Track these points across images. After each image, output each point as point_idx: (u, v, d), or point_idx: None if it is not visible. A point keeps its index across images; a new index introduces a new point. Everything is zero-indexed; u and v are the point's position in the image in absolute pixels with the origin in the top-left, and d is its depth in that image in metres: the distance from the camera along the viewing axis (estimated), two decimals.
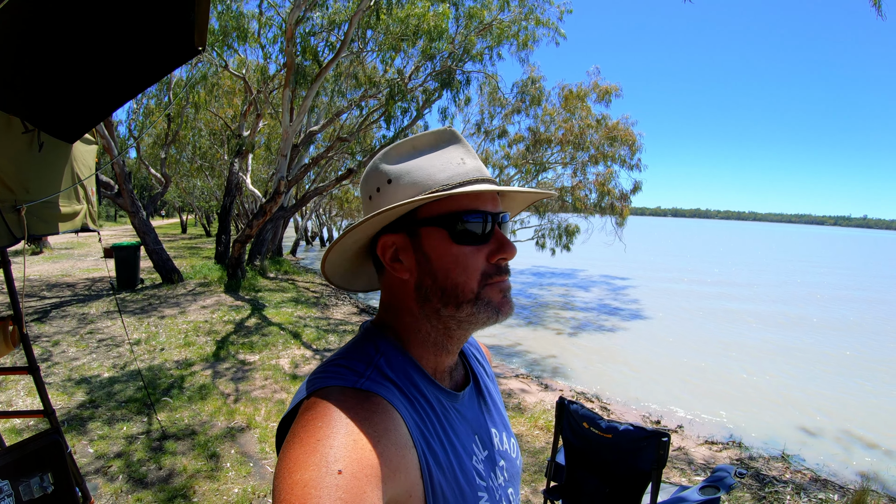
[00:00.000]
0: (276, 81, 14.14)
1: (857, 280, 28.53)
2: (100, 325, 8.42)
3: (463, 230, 0.83)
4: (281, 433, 0.79)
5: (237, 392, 6.03)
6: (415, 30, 11.60)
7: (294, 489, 0.61)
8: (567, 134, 17.02)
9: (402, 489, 0.71)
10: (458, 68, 13.07)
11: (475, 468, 0.86)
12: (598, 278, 22.61)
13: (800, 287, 23.73)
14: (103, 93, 2.69)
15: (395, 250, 0.88)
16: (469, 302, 0.84)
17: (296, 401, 0.79)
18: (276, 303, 11.52)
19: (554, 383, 8.03)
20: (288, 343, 8.29)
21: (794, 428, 6.94)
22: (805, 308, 17.61)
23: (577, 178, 17.87)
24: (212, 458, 4.45)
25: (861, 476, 5.39)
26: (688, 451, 5.61)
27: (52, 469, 2.52)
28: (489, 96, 17.35)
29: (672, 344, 11.35)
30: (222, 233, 16.29)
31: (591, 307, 15.63)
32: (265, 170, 21.34)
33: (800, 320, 15.27)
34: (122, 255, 11.46)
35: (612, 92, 16.64)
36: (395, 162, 0.90)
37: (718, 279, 24.99)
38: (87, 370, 6.41)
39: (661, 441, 2.68)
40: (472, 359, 1.07)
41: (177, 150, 18.38)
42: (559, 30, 14.06)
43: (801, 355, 11.03)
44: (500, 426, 1.01)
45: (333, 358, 0.84)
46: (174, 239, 31.97)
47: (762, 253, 51.46)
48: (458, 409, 0.90)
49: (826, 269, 34.60)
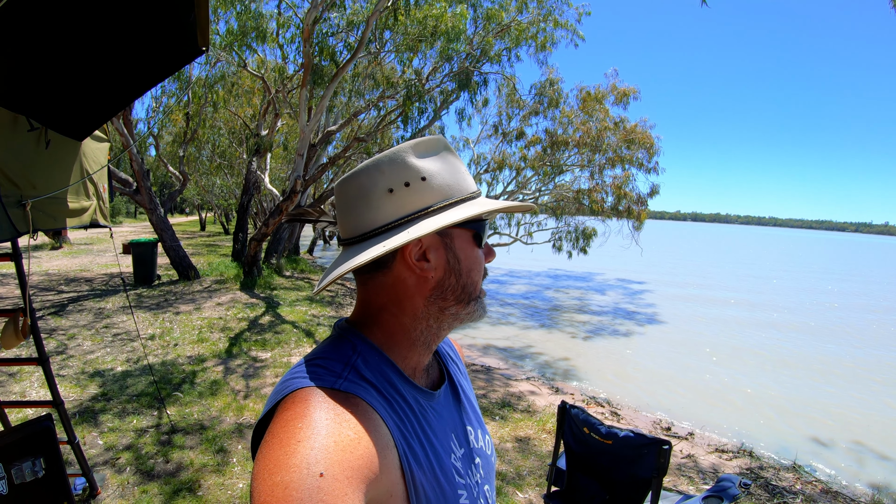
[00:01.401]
0: (295, 81, 14.23)
1: (876, 289, 28.08)
2: (115, 320, 8.54)
3: (479, 235, 0.91)
4: (257, 435, 0.78)
5: (247, 389, 6.08)
6: (432, 30, 11.60)
7: (275, 491, 0.60)
8: (584, 136, 16.94)
9: (384, 489, 0.71)
10: (476, 69, 13.07)
11: (454, 466, 0.86)
12: (614, 282, 22.45)
13: (817, 295, 23.40)
14: (109, 92, 2.72)
15: (422, 250, 0.86)
16: (475, 300, 0.91)
17: (271, 402, 0.78)
18: (290, 301, 11.58)
19: (565, 386, 7.97)
20: (300, 341, 8.33)
21: (806, 438, 6.81)
22: (821, 317, 17.34)
23: (594, 180, 17.77)
24: (219, 452, 4.48)
25: (872, 488, 5.30)
26: (697, 458, 5.53)
27: (45, 454, 2.57)
28: (507, 98, 17.35)
29: (686, 350, 11.23)
30: (239, 231, 16.42)
31: (607, 311, 15.51)
32: (283, 169, 21.45)
33: (815, 329, 15.04)
34: (139, 252, 11.61)
35: (630, 94, 16.53)
36: (423, 156, 0.88)
37: (735, 286, 24.70)
38: (101, 364, 6.50)
39: (661, 449, 2.66)
40: (446, 357, 1.08)
41: (196, 149, 18.54)
42: (577, 31, 14.01)
43: (817, 365, 10.86)
44: (475, 423, 1.01)
45: (309, 357, 0.84)
46: (193, 236, 32.31)
47: (781, 259, 50.81)
48: (434, 408, 0.90)
49: (845, 277, 34.10)
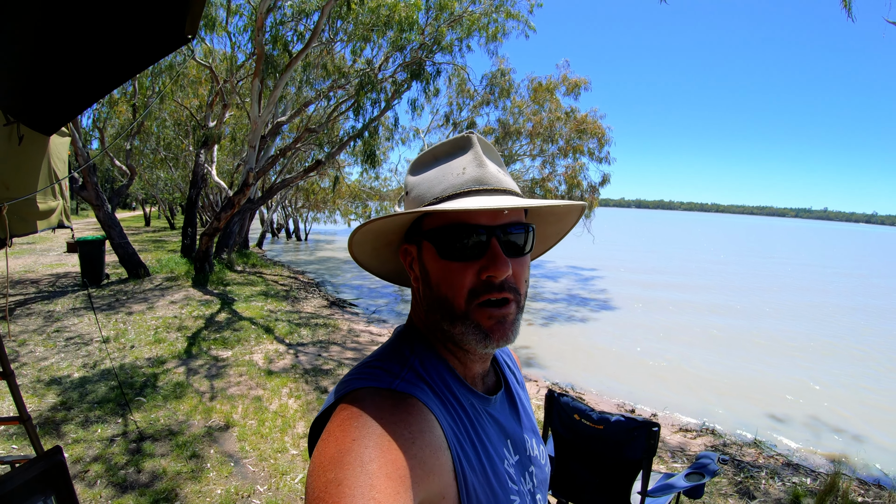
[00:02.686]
0: (244, 71, 13.90)
1: (820, 269, 29.36)
2: (67, 323, 8.17)
3: (447, 245, 0.81)
4: (314, 434, 0.79)
5: (213, 390, 5.93)
6: (386, 20, 11.54)
7: (328, 487, 0.61)
8: (536, 126, 17.15)
9: (436, 490, 0.71)
10: (429, 59, 13.00)
11: (507, 472, 0.86)
12: (565, 269, 22.82)
13: (762, 277, 24.33)
14: (86, 81, 2.58)
15: (410, 259, 0.90)
16: (459, 320, 0.82)
17: (329, 402, 0.79)
18: (245, 296, 11.38)
19: (528, 374, 8.11)
20: (260, 338, 8.19)
21: (763, 414, 7.14)
22: (765, 296, 18.11)
23: (546, 170, 18.01)
24: (192, 458, 4.36)
25: (830, 460, 5.60)
26: (664, 438, 5.75)
27: (56, 492, 2.39)
28: (458, 88, 17.38)
29: (641, 334, 11.54)
30: (188, 226, 15.94)
31: (561, 298, 15.80)
32: (230, 161, 20.94)
33: (760, 308, 15.70)
34: (87, 250, 11.09)
35: (581, 85, 16.79)
36: (416, 173, 0.92)
37: (684, 270, 25.46)
38: (56, 371, 6.19)
39: (651, 431, 2.79)
40: (504, 365, 1.06)
41: (141, 142, 17.91)
42: (529, 23, 14.10)
43: (764, 342, 11.35)
44: (530, 433, 1.00)
45: (368, 360, 0.84)
46: (138, 232, 31.20)
47: (726, 244, 52.56)
48: (490, 413, 0.90)
49: (787, 260, 35.56)
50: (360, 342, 8.61)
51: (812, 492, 4.60)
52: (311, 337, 8.59)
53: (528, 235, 0.86)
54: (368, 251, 0.94)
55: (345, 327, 9.64)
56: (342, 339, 8.68)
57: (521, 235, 0.84)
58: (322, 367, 7.03)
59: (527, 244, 0.86)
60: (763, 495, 4.51)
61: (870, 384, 8.82)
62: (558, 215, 1.00)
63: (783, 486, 4.72)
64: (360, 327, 9.85)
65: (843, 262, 36.01)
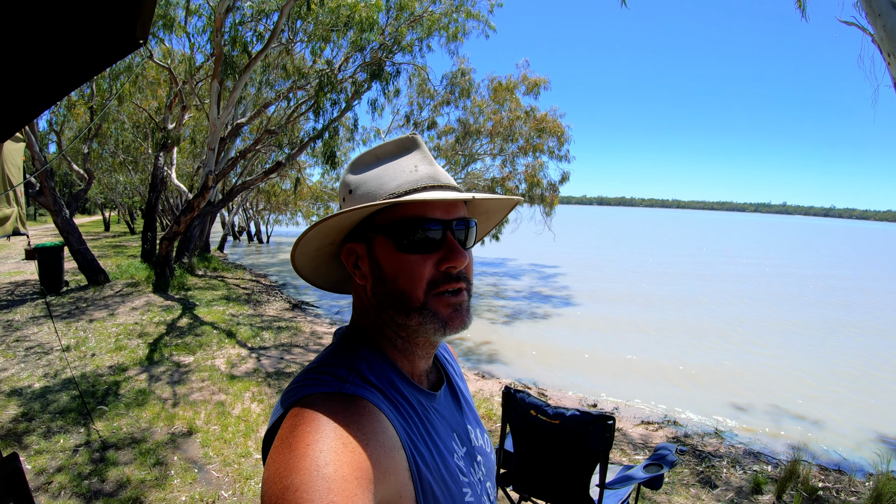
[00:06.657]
0: (203, 72, 13.73)
1: (778, 260, 30.15)
2: (26, 332, 7.99)
3: (406, 238, 0.84)
4: (266, 444, 0.79)
5: (175, 396, 5.89)
6: (346, 20, 11.51)
7: (285, 494, 0.61)
8: (496, 125, 17.28)
9: (393, 490, 0.72)
10: (388, 59, 13.01)
11: (457, 465, 0.88)
12: (527, 267, 23.07)
13: (721, 269, 24.88)
14: (36, 86, 2.57)
15: (355, 258, 0.91)
16: (416, 311, 0.85)
17: (277, 412, 0.79)
18: (207, 301, 11.26)
19: (491, 370, 8.25)
20: (223, 342, 8.15)
21: (726, 404, 7.36)
22: (722, 286, 18.60)
23: (506, 168, 18.16)
24: (156, 466, 4.34)
25: (790, 447, 5.73)
26: (626, 432, 5.88)
27: (14, 498, 2.37)
28: (419, 88, 17.39)
29: (603, 329, 11.76)
30: (148, 230, 15.69)
31: (523, 295, 15.96)
32: (190, 164, 20.58)
33: (716, 299, 16.13)
34: (46, 257, 10.82)
35: (541, 84, 16.97)
36: (357, 172, 0.94)
37: (644, 265, 25.90)
38: (16, 381, 6.07)
39: (606, 424, 2.87)
40: (443, 359, 1.10)
41: (99, 145, 17.52)
42: (489, 23, 14.23)
43: (722, 332, 11.66)
44: (473, 423, 1.04)
45: (313, 366, 0.86)
46: (97, 237, 30.41)
47: (685, 239, 53.46)
48: (436, 409, 0.93)
49: (744, 253, 36.42)
50: (323, 344, 8.62)
51: (773, 479, 4.76)
52: (274, 340, 8.58)
53: (474, 230, 0.93)
54: (310, 253, 0.94)
55: (307, 329, 9.64)
56: (305, 342, 8.68)
57: (471, 230, 0.92)
58: (285, 370, 7.04)
59: (472, 237, 0.93)
60: (724, 484, 4.67)
61: (830, 368, 9.19)
62: (491, 212, 1.06)
63: (744, 474, 4.91)
64: (322, 329, 9.85)
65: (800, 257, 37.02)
